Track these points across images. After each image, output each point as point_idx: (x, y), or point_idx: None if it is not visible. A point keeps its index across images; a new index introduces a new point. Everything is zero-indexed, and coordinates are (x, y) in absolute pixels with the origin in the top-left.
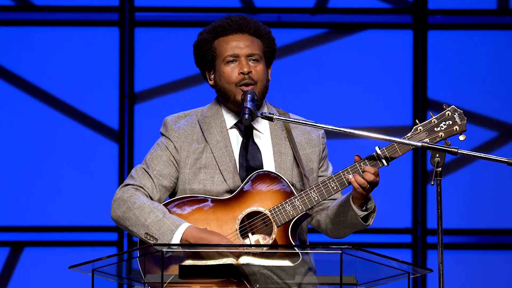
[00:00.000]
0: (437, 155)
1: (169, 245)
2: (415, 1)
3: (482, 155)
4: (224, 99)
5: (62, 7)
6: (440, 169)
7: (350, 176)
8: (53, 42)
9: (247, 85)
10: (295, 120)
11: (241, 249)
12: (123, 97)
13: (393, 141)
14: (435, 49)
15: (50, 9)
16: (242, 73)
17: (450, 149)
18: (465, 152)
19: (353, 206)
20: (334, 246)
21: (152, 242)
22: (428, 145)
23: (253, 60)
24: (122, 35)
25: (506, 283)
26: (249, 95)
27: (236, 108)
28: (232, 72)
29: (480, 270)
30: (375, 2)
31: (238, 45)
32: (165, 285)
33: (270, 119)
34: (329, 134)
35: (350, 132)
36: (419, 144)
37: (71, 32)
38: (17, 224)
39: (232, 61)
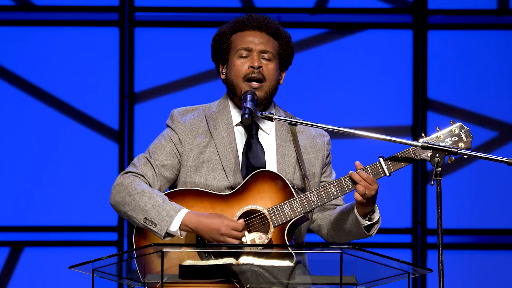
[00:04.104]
0: (437, 155)
1: (169, 245)
2: (415, 1)
3: (482, 155)
4: (232, 93)
5: (62, 7)
6: (440, 169)
7: (357, 186)
8: (53, 42)
9: (255, 79)
10: (295, 120)
11: (238, 247)
12: (123, 97)
13: (393, 141)
14: (435, 49)
15: (50, 9)
16: (252, 67)
17: (450, 149)
18: (465, 152)
19: (357, 215)
20: (334, 246)
21: (151, 227)
22: (428, 145)
23: (266, 58)
24: (122, 35)
25: (506, 283)
26: (249, 95)
27: (239, 103)
28: (242, 65)
29: (480, 270)
30: (375, 2)
31: (253, 40)
32: (165, 285)
33: (270, 119)
34: (329, 134)
35: (350, 132)
36: (419, 144)
37: (71, 32)
38: (17, 224)
39: (244, 56)
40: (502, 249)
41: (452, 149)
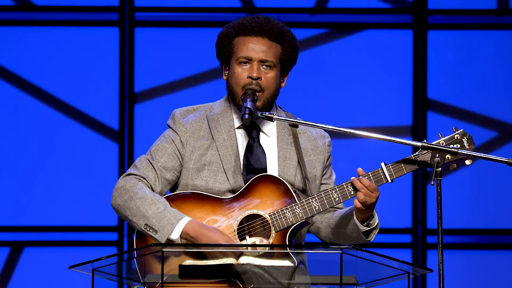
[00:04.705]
0: (437, 155)
1: (169, 245)
2: (415, 1)
3: (482, 155)
4: (232, 98)
5: (62, 7)
6: (440, 169)
7: (358, 191)
8: (53, 42)
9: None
10: (296, 120)
11: (239, 250)
12: (123, 97)
13: (393, 141)
14: (435, 49)
15: (50, 9)
16: (250, 77)
17: (450, 149)
18: (465, 152)
19: (356, 220)
20: (334, 246)
21: (151, 234)
22: (428, 145)
23: (266, 66)
24: (122, 35)
25: (506, 283)
26: (249, 96)
27: (239, 109)
28: (242, 74)
29: (480, 270)
30: (375, 2)
31: (254, 48)
32: (164, 285)
33: (270, 119)
34: (329, 134)
35: (350, 132)
36: (419, 144)
37: (71, 32)
38: (17, 224)
39: (244, 63)
40: (502, 249)
41: (452, 149)
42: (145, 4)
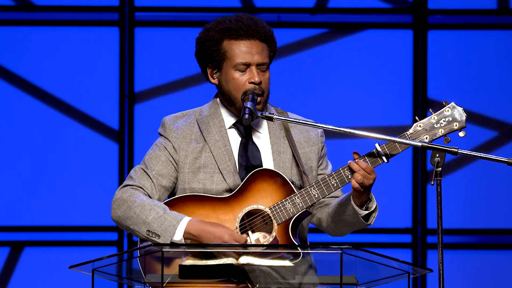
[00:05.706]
0: (437, 155)
1: (169, 245)
2: (415, 1)
3: (482, 155)
4: (228, 103)
5: (62, 7)
6: (440, 169)
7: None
8: (53, 42)
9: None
10: (296, 120)
11: (242, 248)
12: (123, 97)
13: (393, 141)
14: (435, 49)
15: (50, 9)
16: (252, 82)
17: (450, 149)
18: (465, 152)
19: (354, 205)
20: (334, 246)
21: (154, 239)
22: (428, 145)
23: (262, 68)
24: (122, 35)
25: (506, 283)
26: (249, 96)
27: (237, 113)
28: (242, 79)
29: (480, 270)
30: (375, 2)
31: (250, 51)
32: (165, 284)
33: (270, 119)
34: (329, 134)
35: (350, 132)
36: (419, 144)
37: (71, 32)
38: (17, 224)
39: (243, 70)
40: (502, 249)
41: (452, 149)
42: (145, 4)
